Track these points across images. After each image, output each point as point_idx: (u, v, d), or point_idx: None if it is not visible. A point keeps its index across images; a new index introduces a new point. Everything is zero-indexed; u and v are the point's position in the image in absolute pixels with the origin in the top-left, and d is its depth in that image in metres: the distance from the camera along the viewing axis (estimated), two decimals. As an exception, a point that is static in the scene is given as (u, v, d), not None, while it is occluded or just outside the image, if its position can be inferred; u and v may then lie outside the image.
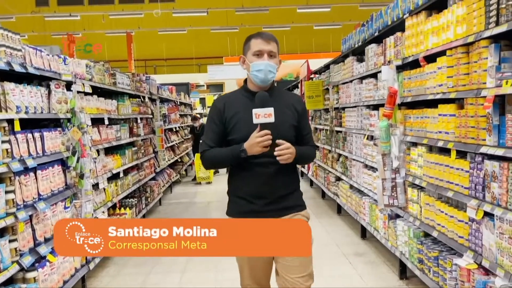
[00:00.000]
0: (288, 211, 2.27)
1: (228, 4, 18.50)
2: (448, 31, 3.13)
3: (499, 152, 2.51)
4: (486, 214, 2.74)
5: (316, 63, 9.96)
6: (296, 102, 2.40)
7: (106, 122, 5.10)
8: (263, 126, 2.07)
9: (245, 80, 2.38)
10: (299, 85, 10.37)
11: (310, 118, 8.87)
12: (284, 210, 2.26)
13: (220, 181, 10.38)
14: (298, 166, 2.45)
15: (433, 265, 3.33)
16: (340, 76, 6.45)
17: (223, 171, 11.17)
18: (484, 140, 2.70)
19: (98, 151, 4.71)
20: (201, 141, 2.36)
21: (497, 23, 2.56)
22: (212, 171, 10.39)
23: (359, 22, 5.41)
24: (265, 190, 2.23)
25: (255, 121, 2.07)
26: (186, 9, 18.07)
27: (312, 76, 8.98)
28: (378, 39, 4.86)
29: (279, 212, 2.24)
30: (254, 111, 2.07)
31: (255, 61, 2.23)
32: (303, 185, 9.30)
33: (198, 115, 11.76)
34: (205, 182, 10.30)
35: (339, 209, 6.65)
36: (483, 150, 2.67)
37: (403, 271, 4.10)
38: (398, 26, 4.18)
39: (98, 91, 5.12)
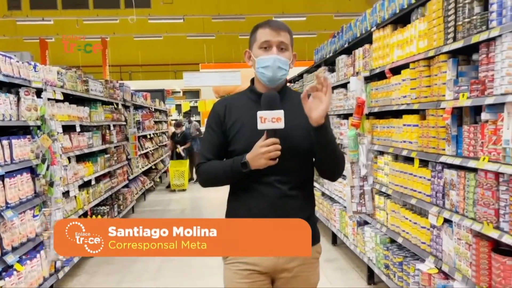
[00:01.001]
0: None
1: (205, 12, 18.56)
2: (411, 45, 3.27)
3: (457, 161, 2.64)
4: (446, 220, 2.86)
5: (292, 71, 10.08)
6: None
7: (78, 129, 5.06)
8: (270, 133, 1.68)
9: (252, 80, 1.96)
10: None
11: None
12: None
13: (195, 189, 10.37)
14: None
15: (398, 270, 3.44)
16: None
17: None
18: (444, 149, 2.83)
19: (69, 158, 4.68)
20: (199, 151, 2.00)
21: (455, 39, 2.69)
22: (187, 177, 10.36)
23: (334, 31, 5.54)
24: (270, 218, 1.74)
25: (260, 126, 1.67)
26: (162, 15, 18.04)
27: (288, 84, 9.09)
28: (348, 51, 5.00)
29: None
30: (259, 113, 1.66)
31: (261, 56, 1.81)
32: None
33: (182, 122, 11.66)
34: (179, 189, 10.26)
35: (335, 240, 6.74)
36: (442, 159, 2.79)
37: (371, 277, 4.20)
38: (367, 39, 4.32)
39: (70, 98, 5.09)
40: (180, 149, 10.43)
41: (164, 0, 19.17)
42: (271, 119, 1.66)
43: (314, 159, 1.86)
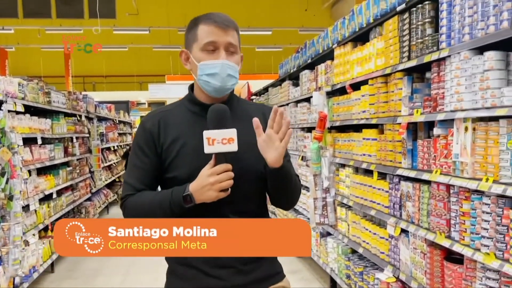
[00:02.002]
0: (262, 285, 1.52)
1: (171, 24, 18.52)
2: (370, 62, 3.42)
3: (412, 174, 2.77)
4: (403, 231, 2.98)
5: (259, 84, 10.21)
6: (268, 115, 1.44)
7: (39, 141, 4.96)
8: (220, 157, 1.37)
9: (191, 87, 1.59)
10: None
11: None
12: (256, 283, 1.50)
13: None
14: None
15: (359, 280, 3.54)
16: (278, 99, 6.70)
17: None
18: (400, 162, 2.96)
19: (29, 171, 4.57)
20: (124, 180, 1.56)
21: (409, 58, 2.85)
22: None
23: (299, 46, 5.69)
24: (233, 280, 1.48)
25: (207, 149, 1.35)
26: (127, 27, 17.88)
27: (253, 97, 9.22)
28: (311, 66, 5.14)
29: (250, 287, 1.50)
30: (206, 134, 1.35)
31: (205, 60, 1.46)
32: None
33: None
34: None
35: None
36: (399, 172, 2.93)
37: (333, 287, 4.29)
38: (329, 55, 4.47)
39: (32, 110, 4.98)
40: None
41: (130, 11, 19.02)
42: (221, 140, 1.34)
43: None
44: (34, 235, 4.56)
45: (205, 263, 1.46)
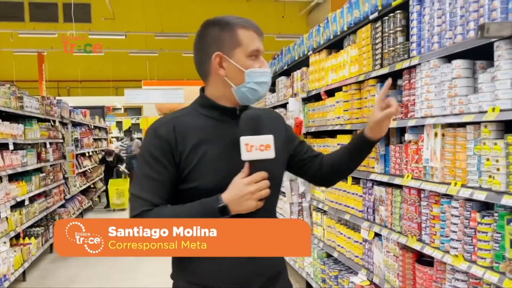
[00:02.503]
0: None
1: (148, 29, 18.41)
2: (344, 69, 3.48)
3: (385, 178, 2.83)
4: (376, 234, 3.04)
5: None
6: (281, 119, 1.62)
7: (11, 147, 4.85)
8: (257, 164, 1.32)
9: (201, 90, 1.50)
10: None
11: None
12: None
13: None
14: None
15: (334, 284, 3.58)
16: (254, 105, 6.72)
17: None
18: (373, 167, 3.03)
19: (1, 178, 4.46)
20: (132, 194, 1.41)
21: (382, 65, 2.92)
22: (127, 196, 10.11)
23: (276, 52, 5.74)
24: (251, 271, 1.41)
25: (245, 156, 1.30)
26: (103, 31, 17.68)
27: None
28: (287, 72, 5.20)
29: None
30: (245, 139, 1.30)
31: (255, 68, 1.39)
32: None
33: (113, 150, 11.34)
34: (119, 209, 9.99)
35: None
36: (372, 176, 2.99)
37: (310, 291, 4.33)
38: (304, 62, 4.53)
39: (3, 115, 4.88)
40: (123, 168, 10.22)
41: (106, 16, 18.81)
42: (259, 146, 1.29)
43: (333, 167, 1.60)
44: (5, 243, 4.45)
45: (223, 282, 1.39)
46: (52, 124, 7.02)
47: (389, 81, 1.56)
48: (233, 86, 1.40)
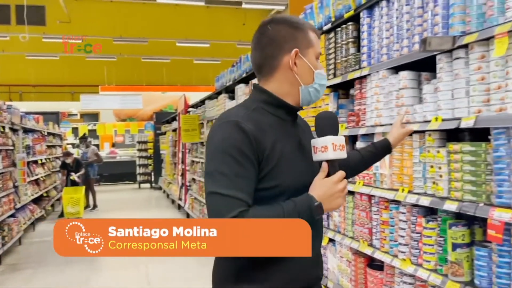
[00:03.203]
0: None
1: (106, 33, 18.05)
2: (299, 78, 3.55)
3: (338, 185, 2.90)
4: (330, 240, 3.10)
5: (196, 96, 10.19)
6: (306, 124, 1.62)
7: (-45, 154, 4.62)
8: (334, 164, 1.34)
9: (259, 87, 1.45)
10: (177, 117, 10.48)
11: (187, 150, 9.01)
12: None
13: (91, 217, 9.85)
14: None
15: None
16: (214, 112, 6.73)
17: (103, 205, 10.67)
18: (327, 174, 3.09)
19: None
20: (219, 194, 1.29)
21: (335, 75, 3.00)
22: (83, 204, 9.81)
23: (237, 59, 5.78)
24: (316, 275, 1.46)
25: (331, 155, 1.32)
26: (58, 34, 17.17)
27: (190, 110, 9.18)
28: (246, 80, 5.24)
29: None
30: (331, 139, 1.32)
31: (320, 69, 1.43)
32: (179, 218, 9.28)
33: (72, 151, 11.03)
34: (73, 218, 9.68)
35: (213, 241, 6.78)
36: (326, 183, 3.05)
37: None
38: (262, 70, 4.58)
39: None
40: (74, 176, 9.91)
41: (61, 19, 18.31)
42: (339, 146, 1.33)
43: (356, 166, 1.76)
44: None
45: (296, 282, 1.38)
46: (2, 130, 6.73)
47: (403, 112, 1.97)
48: (302, 84, 1.40)
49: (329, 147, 1.30)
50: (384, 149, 1.79)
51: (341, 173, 1.32)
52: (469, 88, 1.88)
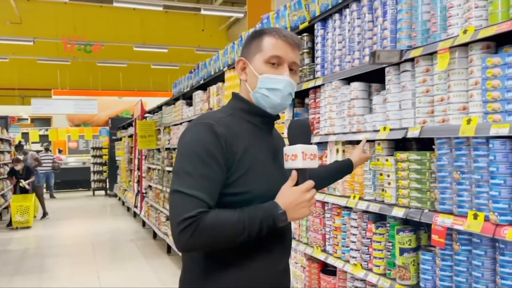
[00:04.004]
0: None
1: (59, 36, 17.50)
2: (256, 86, 3.59)
3: (293, 192, 2.95)
4: (286, 246, 3.14)
5: (154, 102, 10.06)
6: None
7: None
8: (304, 173, 1.32)
9: (239, 97, 1.47)
10: (133, 123, 10.30)
11: (144, 157, 8.86)
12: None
13: (41, 226, 9.48)
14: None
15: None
16: (172, 118, 6.67)
17: (55, 213, 10.27)
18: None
19: None
20: (181, 192, 1.26)
21: (290, 84, 3.06)
22: (32, 213, 9.41)
23: (196, 65, 5.75)
24: (284, 284, 1.45)
25: (300, 164, 1.29)
26: (7, 36, 16.48)
27: (146, 115, 9.05)
28: (204, 87, 5.23)
29: None
30: (301, 147, 1.30)
31: (268, 74, 1.39)
32: (135, 226, 9.11)
33: (21, 157, 10.58)
34: (22, 226, 9.28)
35: (169, 249, 6.70)
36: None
37: None
38: (220, 77, 4.59)
39: None
40: (24, 183, 9.51)
41: (12, 20, 17.60)
42: (310, 155, 1.30)
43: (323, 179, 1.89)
44: None
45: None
46: None
47: (364, 139, 2.12)
48: (250, 91, 1.42)
49: (299, 156, 1.28)
50: (347, 167, 1.97)
51: (310, 183, 1.31)
52: (415, 99, 1.98)
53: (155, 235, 7.86)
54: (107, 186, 14.98)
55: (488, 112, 1.60)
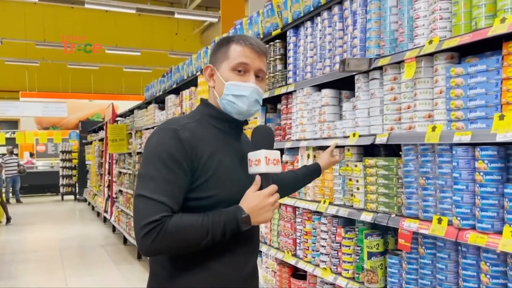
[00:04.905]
0: None
1: (28, 36, 17.06)
2: (229, 91, 3.60)
3: (264, 197, 2.97)
4: (257, 251, 3.15)
5: (126, 105, 9.92)
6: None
7: None
8: (268, 177, 1.36)
9: (207, 103, 1.49)
10: (104, 127, 10.14)
11: (114, 161, 8.72)
12: None
13: (6, 231, 9.18)
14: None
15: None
16: (143, 122, 6.60)
17: (20, 219, 9.96)
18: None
19: None
20: (145, 196, 1.27)
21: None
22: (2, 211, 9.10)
23: (168, 69, 5.72)
24: (253, 285, 1.49)
25: (263, 169, 1.33)
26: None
27: (118, 119, 8.92)
28: (176, 91, 5.21)
29: None
30: (264, 152, 1.34)
31: (234, 81, 1.41)
32: (105, 231, 8.94)
33: (2, 164, 10.23)
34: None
35: (139, 255, 6.61)
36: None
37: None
38: (193, 81, 4.59)
39: None
40: None
41: (-22, 19, 17.07)
42: (273, 160, 1.35)
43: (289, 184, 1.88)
44: None
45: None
46: None
47: (333, 143, 2.14)
48: (218, 97, 1.44)
49: (262, 161, 1.32)
50: (315, 172, 1.99)
51: (273, 187, 1.34)
52: (383, 107, 2.03)
53: (125, 241, 7.74)
54: (77, 191, 14.66)
55: (451, 120, 1.66)
